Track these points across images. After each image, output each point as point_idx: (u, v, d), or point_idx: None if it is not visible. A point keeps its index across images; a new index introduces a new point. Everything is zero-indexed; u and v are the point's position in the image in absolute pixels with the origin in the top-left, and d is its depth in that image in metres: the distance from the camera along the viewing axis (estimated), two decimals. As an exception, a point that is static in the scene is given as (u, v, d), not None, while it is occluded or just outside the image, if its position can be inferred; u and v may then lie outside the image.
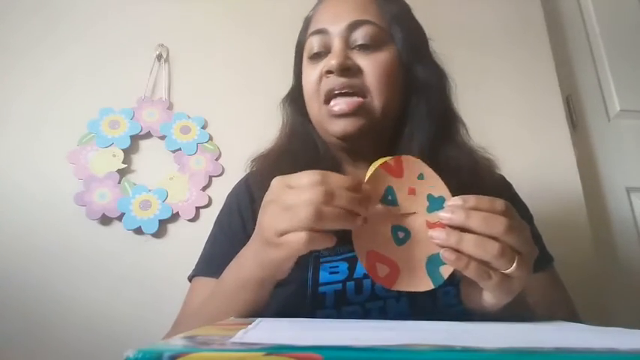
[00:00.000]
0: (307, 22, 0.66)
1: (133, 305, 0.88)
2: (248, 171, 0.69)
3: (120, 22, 1.06)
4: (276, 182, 0.42)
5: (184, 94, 1.05)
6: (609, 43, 1.36)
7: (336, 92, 0.56)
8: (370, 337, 0.28)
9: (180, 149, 0.99)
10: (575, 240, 1.08)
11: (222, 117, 1.04)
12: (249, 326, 0.31)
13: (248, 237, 0.50)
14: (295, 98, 0.67)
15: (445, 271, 0.41)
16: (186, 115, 1.02)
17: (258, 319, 0.37)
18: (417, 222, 0.42)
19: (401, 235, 0.42)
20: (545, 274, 0.63)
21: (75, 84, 1.00)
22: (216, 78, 1.07)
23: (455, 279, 0.47)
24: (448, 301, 0.51)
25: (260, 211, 0.43)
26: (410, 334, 0.30)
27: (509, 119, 1.17)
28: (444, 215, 0.39)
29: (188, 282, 0.66)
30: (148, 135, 1.00)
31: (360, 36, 0.58)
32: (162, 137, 1.00)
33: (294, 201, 0.38)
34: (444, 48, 0.68)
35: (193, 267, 0.66)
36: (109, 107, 0.99)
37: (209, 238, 0.68)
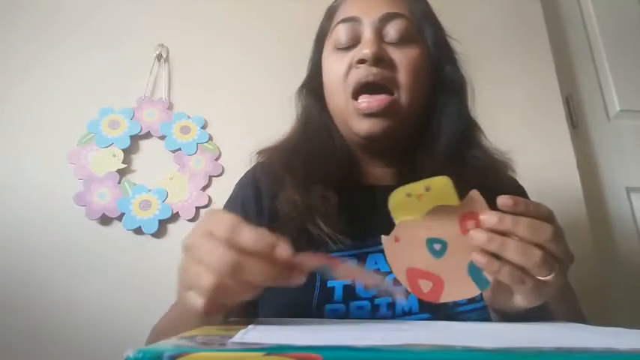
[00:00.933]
0: (332, 11, 0.65)
1: (133, 305, 0.87)
2: (255, 162, 0.67)
3: (120, 22, 1.06)
4: (200, 225, 0.38)
5: (184, 94, 1.05)
6: (609, 43, 1.35)
7: (365, 82, 0.54)
8: (370, 337, 0.28)
9: (180, 149, 0.99)
10: (575, 240, 1.08)
11: (222, 117, 1.04)
12: (249, 326, 0.31)
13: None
14: (313, 88, 0.65)
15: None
16: (186, 115, 1.02)
17: (259, 319, 0.37)
18: (451, 230, 0.40)
19: (437, 247, 0.40)
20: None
21: (75, 84, 1.00)
22: (216, 78, 1.07)
23: None
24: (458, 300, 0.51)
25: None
26: (410, 334, 0.30)
27: (509, 119, 1.17)
28: (490, 220, 0.38)
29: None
30: (148, 135, 1.00)
31: (393, 29, 0.57)
32: (162, 137, 1.00)
33: (204, 257, 0.34)
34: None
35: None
36: (109, 107, 0.99)
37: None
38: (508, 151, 0.63)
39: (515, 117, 1.18)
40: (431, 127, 0.59)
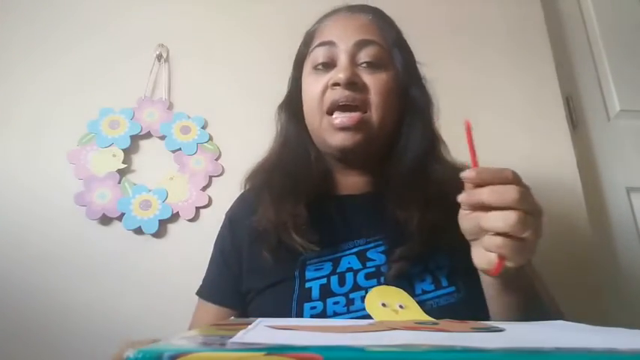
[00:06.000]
0: (310, 36, 0.69)
1: (133, 305, 0.87)
2: (244, 188, 0.72)
3: (120, 22, 1.06)
4: None
5: (184, 94, 1.05)
6: (609, 43, 1.35)
7: (340, 104, 0.59)
8: (370, 337, 0.28)
9: (180, 149, 0.99)
10: (575, 240, 1.08)
11: (222, 117, 1.04)
12: (249, 326, 0.31)
13: (229, 264, 0.63)
14: (291, 106, 0.70)
15: None
16: (186, 115, 1.02)
17: (259, 319, 0.37)
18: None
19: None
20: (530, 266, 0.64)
21: (75, 84, 1.00)
22: (216, 78, 1.07)
23: (429, 266, 0.58)
24: (424, 287, 0.56)
25: None
26: (410, 334, 0.30)
27: (509, 119, 1.17)
28: (464, 197, 0.42)
29: (187, 282, 0.67)
30: (148, 135, 1.00)
31: (366, 54, 0.62)
32: (162, 137, 1.00)
33: None
34: (444, 48, 0.69)
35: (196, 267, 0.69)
36: (109, 107, 0.99)
37: (210, 258, 0.72)
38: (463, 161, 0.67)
39: (515, 117, 1.18)
40: (399, 142, 0.65)
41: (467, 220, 0.44)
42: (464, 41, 1.20)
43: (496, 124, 1.14)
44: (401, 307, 0.46)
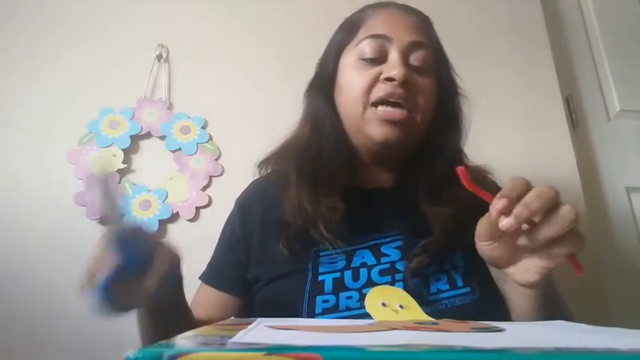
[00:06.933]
0: (354, 24, 0.66)
1: (133, 305, 0.87)
2: (261, 172, 0.71)
3: (120, 23, 1.06)
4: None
5: (184, 94, 1.05)
6: (609, 43, 1.35)
7: (390, 100, 0.59)
8: (370, 337, 0.28)
9: (180, 149, 0.99)
10: (575, 240, 1.08)
11: (222, 117, 1.04)
12: (249, 326, 0.31)
13: (235, 251, 0.63)
14: (323, 90, 0.67)
15: None
16: (186, 115, 1.02)
17: (259, 319, 0.37)
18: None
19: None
20: None
21: (75, 84, 1.00)
22: (216, 78, 1.07)
23: (445, 266, 0.58)
24: (440, 286, 0.57)
25: None
26: (410, 334, 0.30)
27: (509, 119, 1.17)
28: (509, 223, 0.41)
29: (187, 282, 0.67)
30: (148, 135, 1.00)
31: (417, 58, 0.61)
32: (162, 137, 1.00)
33: None
34: (443, 48, 0.69)
35: (196, 267, 0.68)
36: (109, 107, 0.99)
37: (216, 244, 0.71)
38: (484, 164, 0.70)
39: (515, 117, 1.18)
40: (431, 147, 0.64)
41: (495, 248, 0.45)
42: (463, 42, 1.20)
43: (496, 124, 1.14)
44: (401, 307, 0.46)
